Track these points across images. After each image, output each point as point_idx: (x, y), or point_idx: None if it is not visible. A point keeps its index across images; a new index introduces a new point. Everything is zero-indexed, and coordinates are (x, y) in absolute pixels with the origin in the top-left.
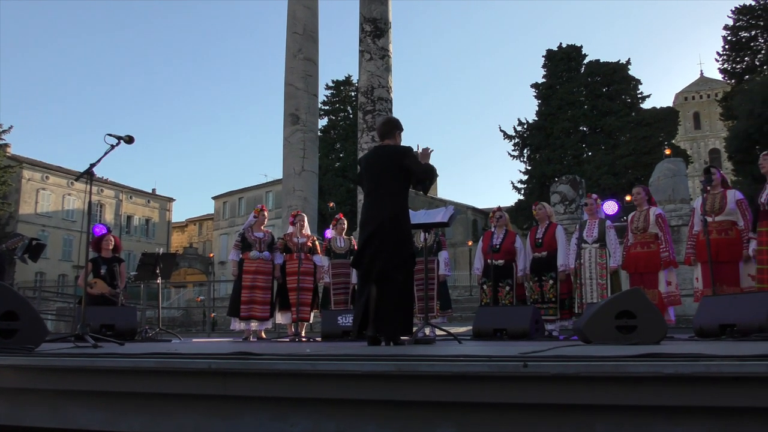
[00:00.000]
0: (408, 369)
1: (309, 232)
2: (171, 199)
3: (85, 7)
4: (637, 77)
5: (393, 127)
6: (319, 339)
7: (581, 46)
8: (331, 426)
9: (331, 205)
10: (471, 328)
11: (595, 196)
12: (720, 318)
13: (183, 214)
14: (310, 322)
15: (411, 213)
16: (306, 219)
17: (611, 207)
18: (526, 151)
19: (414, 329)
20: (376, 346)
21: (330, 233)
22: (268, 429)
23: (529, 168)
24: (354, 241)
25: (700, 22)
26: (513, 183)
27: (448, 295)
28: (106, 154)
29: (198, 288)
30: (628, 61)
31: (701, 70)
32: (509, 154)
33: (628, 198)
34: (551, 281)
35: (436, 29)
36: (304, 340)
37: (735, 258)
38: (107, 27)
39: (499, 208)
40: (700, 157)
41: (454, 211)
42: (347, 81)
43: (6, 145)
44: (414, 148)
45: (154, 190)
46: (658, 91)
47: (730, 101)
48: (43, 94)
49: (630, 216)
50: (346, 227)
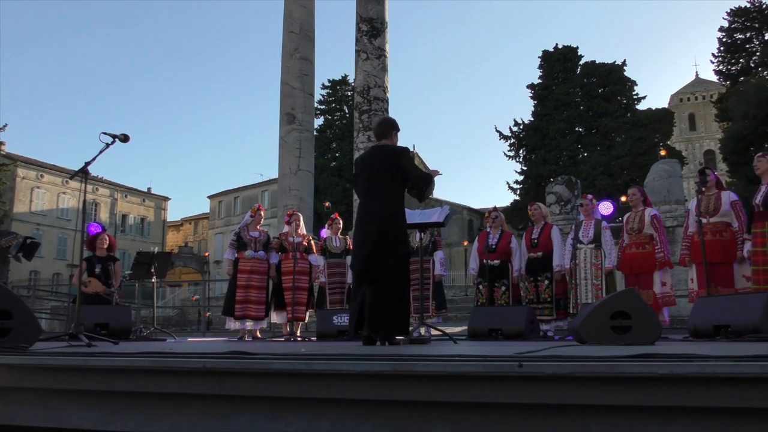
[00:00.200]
0: (403, 369)
1: (305, 232)
2: (166, 198)
3: (81, 7)
4: (632, 78)
5: (389, 127)
6: (315, 339)
7: (577, 47)
8: (326, 426)
9: (327, 204)
10: (466, 328)
11: (590, 196)
12: (714, 319)
13: (178, 213)
14: (306, 321)
15: (407, 213)
16: (302, 218)
17: (607, 208)
18: (521, 151)
19: (409, 329)
20: (371, 346)
21: (325, 233)
22: (262, 428)
23: (525, 168)
24: (350, 240)
25: (696, 23)
26: (509, 183)
27: (443, 295)
28: (101, 152)
29: (193, 287)
30: (624, 63)
31: (696, 72)
32: (505, 154)
33: (624, 199)
34: (547, 281)
35: (432, 29)
36: (299, 339)
37: (729, 259)
38: (102, 26)
39: (494, 209)
40: (695, 159)
41: (449, 211)
42: (343, 80)
43: (0, 144)
44: (410, 149)
45: (149, 189)
46: (654, 93)
47: (725, 103)
48: (38, 92)
49: (625, 217)
50: (341, 227)
